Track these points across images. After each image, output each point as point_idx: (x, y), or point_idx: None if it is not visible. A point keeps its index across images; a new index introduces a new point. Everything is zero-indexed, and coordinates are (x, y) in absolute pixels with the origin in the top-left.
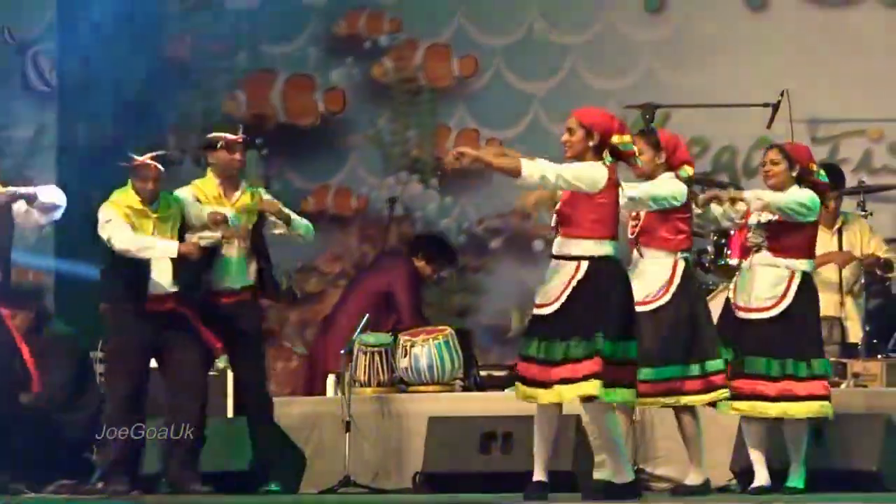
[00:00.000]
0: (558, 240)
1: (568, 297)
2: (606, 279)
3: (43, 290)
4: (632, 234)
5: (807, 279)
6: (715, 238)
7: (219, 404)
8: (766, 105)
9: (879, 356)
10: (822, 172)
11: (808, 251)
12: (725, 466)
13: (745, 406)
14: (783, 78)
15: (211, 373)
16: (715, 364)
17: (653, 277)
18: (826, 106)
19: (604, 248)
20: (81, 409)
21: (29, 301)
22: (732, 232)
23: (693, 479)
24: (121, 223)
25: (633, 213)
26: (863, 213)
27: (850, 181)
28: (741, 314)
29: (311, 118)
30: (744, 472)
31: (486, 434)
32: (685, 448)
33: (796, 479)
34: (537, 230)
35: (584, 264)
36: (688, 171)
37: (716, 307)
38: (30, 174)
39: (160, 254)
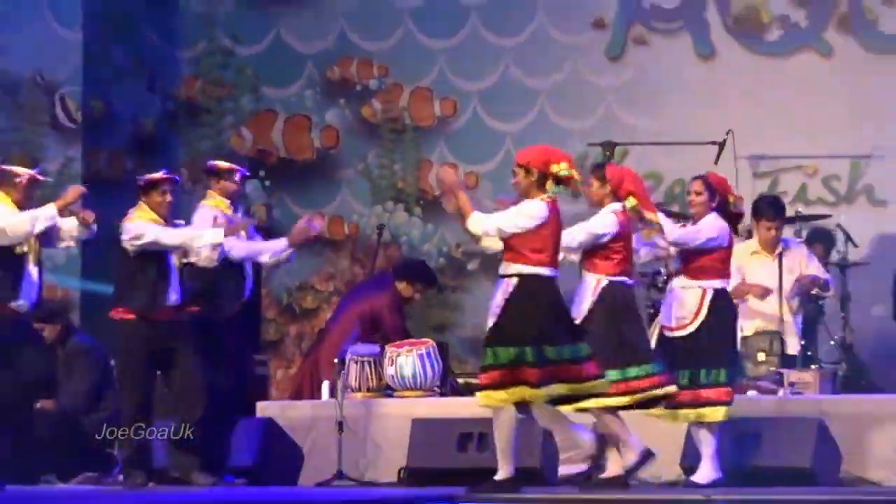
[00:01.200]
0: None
1: (498, 312)
2: (526, 296)
3: (69, 305)
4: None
5: (719, 296)
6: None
7: None
8: (713, 143)
9: (813, 367)
10: (739, 203)
11: (720, 272)
12: (676, 463)
13: (667, 412)
14: (728, 119)
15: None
16: (635, 371)
17: (582, 296)
18: (767, 144)
19: (535, 270)
20: (102, 410)
21: (56, 316)
22: None
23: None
24: (156, 227)
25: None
26: (799, 239)
27: (788, 211)
28: (667, 333)
29: (308, 153)
30: (692, 469)
31: (463, 434)
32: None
33: (700, 475)
34: None
35: (514, 282)
36: (631, 201)
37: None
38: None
39: (210, 239)
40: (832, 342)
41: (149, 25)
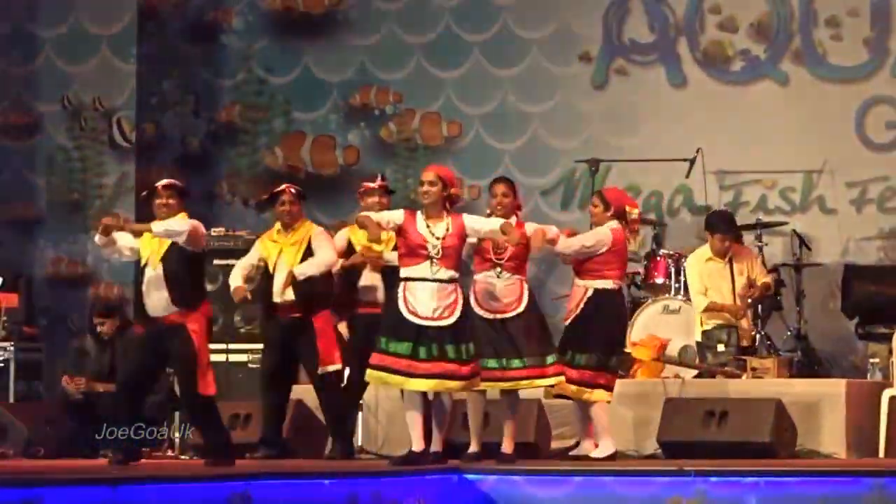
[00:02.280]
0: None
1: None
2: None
3: (125, 301)
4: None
5: (598, 295)
6: (645, 262)
7: None
8: (684, 160)
9: (772, 354)
10: (636, 211)
11: (604, 273)
12: (653, 438)
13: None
14: (698, 138)
15: None
16: (514, 362)
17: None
18: (731, 161)
19: (406, 272)
20: (155, 394)
21: (114, 312)
22: (658, 257)
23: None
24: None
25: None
26: (759, 244)
27: (750, 219)
28: (563, 322)
29: (333, 169)
30: (668, 443)
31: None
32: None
33: (597, 452)
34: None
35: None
36: (634, 212)
37: (644, 318)
38: (115, 211)
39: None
40: (788, 333)
41: (194, 59)
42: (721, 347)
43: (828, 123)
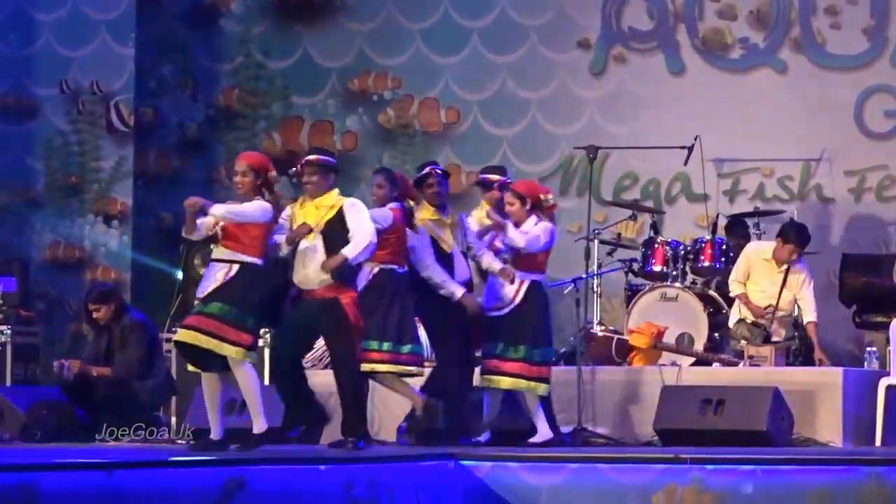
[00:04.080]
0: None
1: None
2: (253, 279)
3: (121, 286)
4: None
5: (533, 287)
6: (643, 250)
7: None
8: (682, 147)
9: (769, 343)
10: (550, 197)
11: (537, 265)
12: (649, 425)
13: (488, 380)
14: (696, 126)
15: None
16: (405, 348)
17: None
18: (730, 148)
19: (255, 261)
20: (152, 377)
21: (109, 297)
22: (656, 245)
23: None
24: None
25: None
26: (757, 231)
27: (748, 207)
28: (490, 313)
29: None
30: (664, 431)
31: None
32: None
33: (535, 438)
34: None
35: (236, 268)
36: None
37: (642, 305)
38: (113, 195)
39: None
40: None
41: (193, 43)
42: (742, 343)
43: (827, 112)
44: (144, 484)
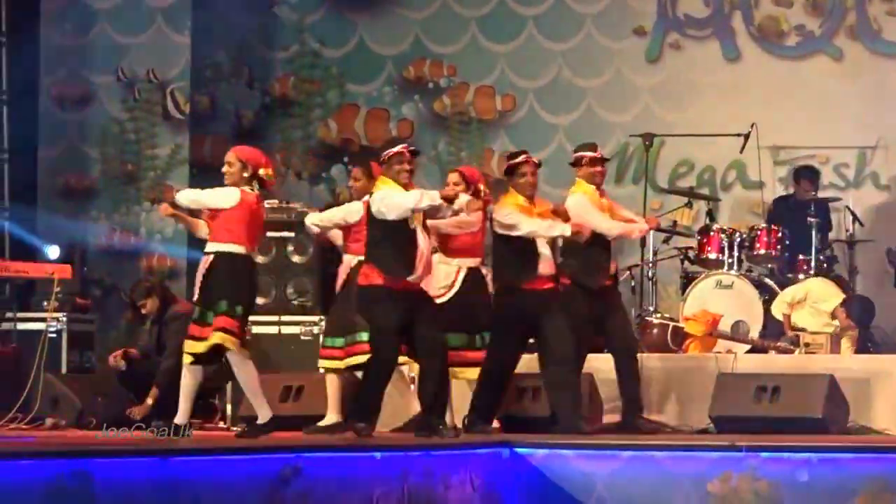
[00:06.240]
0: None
1: None
2: (230, 268)
3: (164, 276)
4: None
5: (471, 273)
6: (698, 237)
7: None
8: (738, 135)
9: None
10: (487, 192)
11: (474, 251)
12: (704, 412)
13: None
14: (752, 114)
15: None
16: (355, 338)
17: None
18: (786, 136)
19: (231, 248)
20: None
21: (152, 291)
22: (712, 232)
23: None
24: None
25: None
26: (812, 220)
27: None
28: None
29: (386, 142)
30: (720, 418)
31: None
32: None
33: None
34: None
35: (210, 258)
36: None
37: (697, 292)
38: (168, 182)
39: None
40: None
41: (249, 31)
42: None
43: (882, 100)
44: (200, 471)
